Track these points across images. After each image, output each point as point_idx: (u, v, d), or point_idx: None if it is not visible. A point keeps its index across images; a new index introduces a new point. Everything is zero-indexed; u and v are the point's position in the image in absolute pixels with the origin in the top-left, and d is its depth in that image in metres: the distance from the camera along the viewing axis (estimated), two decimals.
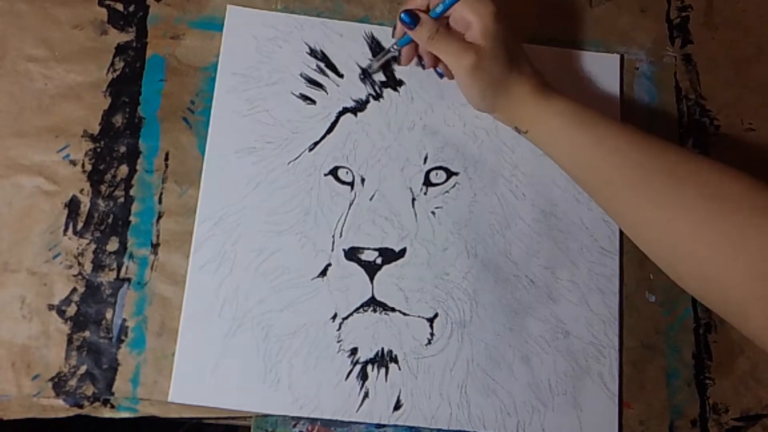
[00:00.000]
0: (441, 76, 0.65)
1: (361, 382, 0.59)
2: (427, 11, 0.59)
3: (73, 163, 0.62)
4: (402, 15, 0.59)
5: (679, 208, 0.51)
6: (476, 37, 0.57)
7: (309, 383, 0.59)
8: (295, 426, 0.59)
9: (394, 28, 0.63)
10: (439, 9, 0.58)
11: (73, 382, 0.58)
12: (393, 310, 0.60)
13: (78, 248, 0.60)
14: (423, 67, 0.65)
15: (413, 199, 0.63)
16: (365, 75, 0.65)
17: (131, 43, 0.65)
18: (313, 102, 0.64)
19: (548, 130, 0.59)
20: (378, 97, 0.65)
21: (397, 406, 0.59)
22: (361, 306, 0.60)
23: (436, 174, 0.64)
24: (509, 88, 0.59)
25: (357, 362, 0.59)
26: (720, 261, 0.49)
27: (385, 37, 0.66)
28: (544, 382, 0.60)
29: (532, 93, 0.59)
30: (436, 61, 0.63)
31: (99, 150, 0.62)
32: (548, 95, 0.59)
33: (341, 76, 0.65)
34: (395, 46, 0.63)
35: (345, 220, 0.62)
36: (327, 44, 0.66)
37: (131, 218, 0.61)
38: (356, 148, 0.64)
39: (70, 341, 0.58)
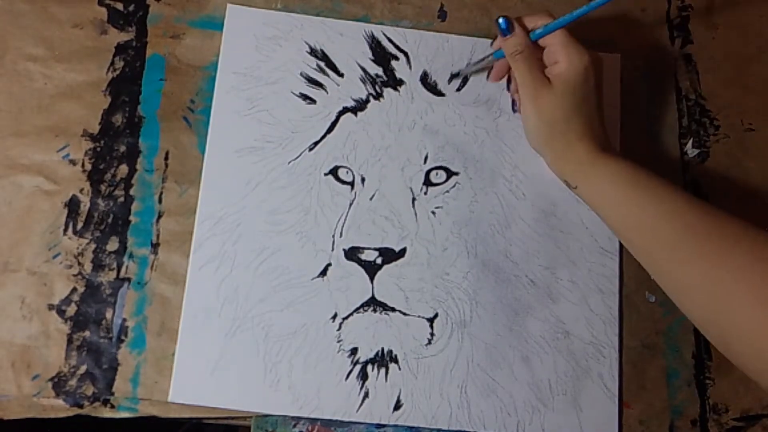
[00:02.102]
0: (515, 111, 0.65)
1: (361, 382, 0.59)
2: (526, 30, 0.59)
3: (73, 162, 0.62)
4: (500, 19, 0.59)
5: (732, 273, 0.50)
6: (553, 75, 0.58)
7: (309, 383, 0.59)
8: (295, 426, 0.59)
9: (494, 39, 0.63)
10: (537, 32, 0.59)
11: (73, 382, 0.58)
12: (393, 310, 0.60)
13: (78, 248, 0.60)
14: (508, 89, 0.65)
15: (413, 199, 0.63)
16: (453, 77, 0.66)
17: (131, 43, 0.65)
18: (314, 101, 0.64)
19: (598, 188, 0.57)
20: (378, 96, 0.65)
21: (397, 406, 0.59)
22: (361, 306, 0.60)
23: (437, 174, 0.64)
24: (567, 140, 0.58)
25: (357, 362, 0.59)
26: None
27: (385, 36, 0.66)
28: (544, 382, 0.60)
29: (589, 151, 0.58)
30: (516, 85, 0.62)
31: (99, 149, 0.62)
32: (606, 157, 0.58)
33: (341, 75, 0.65)
34: (490, 57, 0.63)
35: (345, 219, 0.62)
36: (327, 43, 0.66)
37: (131, 218, 0.61)
38: (356, 147, 0.64)
39: (70, 341, 0.58)
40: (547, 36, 0.59)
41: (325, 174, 0.63)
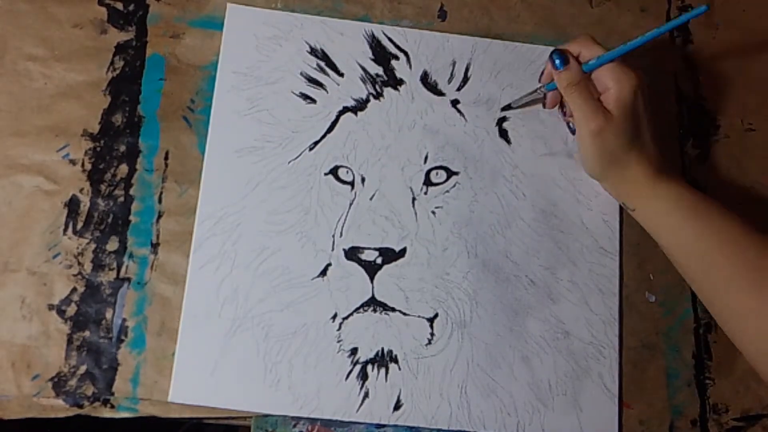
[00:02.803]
0: (573, 132, 0.64)
1: (361, 382, 0.59)
2: (577, 60, 0.59)
3: (73, 162, 0.62)
4: (553, 52, 0.59)
5: None
6: (609, 103, 0.57)
7: (309, 383, 0.59)
8: (295, 426, 0.59)
9: (543, 71, 0.63)
10: (591, 63, 0.58)
11: (73, 382, 0.58)
12: (393, 310, 0.60)
13: (78, 248, 0.60)
14: (564, 114, 0.65)
15: (413, 199, 0.63)
16: (505, 109, 0.65)
17: (131, 42, 0.65)
18: (314, 101, 0.64)
19: (657, 212, 0.58)
20: (378, 96, 0.65)
21: (397, 406, 0.59)
22: (361, 306, 0.60)
23: (437, 173, 0.64)
24: (626, 165, 0.58)
25: (357, 362, 0.59)
26: None
27: (385, 36, 0.66)
28: (544, 382, 0.60)
29: (647, 175, 0.58)
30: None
31: (99, 149, 0.62)
32: (663, 178, 0.58)
33: (342, 75, 0.65)
34: (542, 89, 0.63)
35: (345, 219, 0.62)
36: (327, 43, 0.66)
37: (131, 218, 0.61)
38: (356, 147, 0.63)
39: (70, 341, 0.58)
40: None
41: (325, 174, 0.63)
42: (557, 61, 0.58)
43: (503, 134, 0.65)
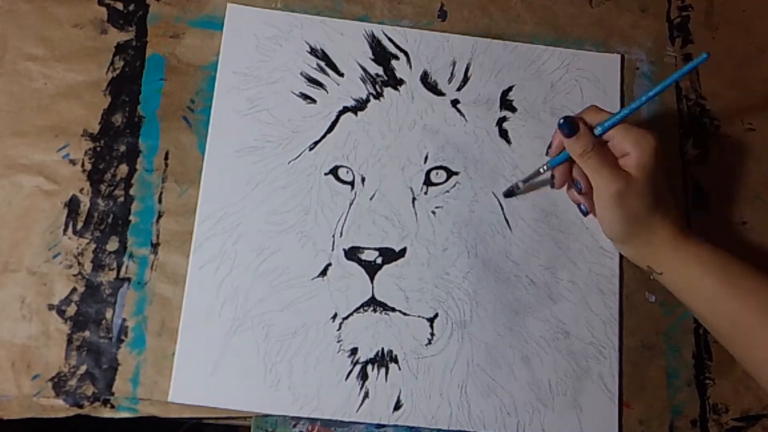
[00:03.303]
0: (585, 214, 0.63)
1: (361, 382, 0.59)
2: (588, 127, 0.57)
3: (73, 162, 0.62)
4: (561, 121, 0.57)
5: None
6: (630, 167, 0.56)
7: (309, 383, 0.59)
8: (295, 426, 0.59)
9: (549, 146, 0.61)
10: (604, 125, 0.57)
11: (72, 382, 0.58)
12: (393, 310, 0.60)
13: (78, 248, 0.60)
14: (579, 191, 0.60)
15: (414, 199, 0.63)
16: (508, 195, 0.63)
17: (131, 42, 0.65)
18: (314, 101, 0.64)
19: (686, 276, 0.57)
20: (378, 96, 0.65)
21: (397, 406, 0.59)
22: (361, 306, 0.60)
23: (437, 173, 0.64)
24: (651, 228, 0.57)
25: (357, 362, 0.59)
26: None
27: (385, 36, 0.66)
28: (544, 382, 0.60)
29: (673, 237, 0.57)
30: (589, 185, 0.58)
31: (99, 149, 0.62)
32: (689, 240, 0.57)
33: (342, 75, 0.65)
34: (546, 166, 0.61)
35: (345, 219, 0.62)
36: (327, 43, 0.66)
37: (131, 218, 0.61)
38: (356, 147, 0.63)
39: (70, 341, 0.58)
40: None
41: (326, 174, 0.63)
42: (566, 129, 0.56)
43: (503, 134, 0.65)
